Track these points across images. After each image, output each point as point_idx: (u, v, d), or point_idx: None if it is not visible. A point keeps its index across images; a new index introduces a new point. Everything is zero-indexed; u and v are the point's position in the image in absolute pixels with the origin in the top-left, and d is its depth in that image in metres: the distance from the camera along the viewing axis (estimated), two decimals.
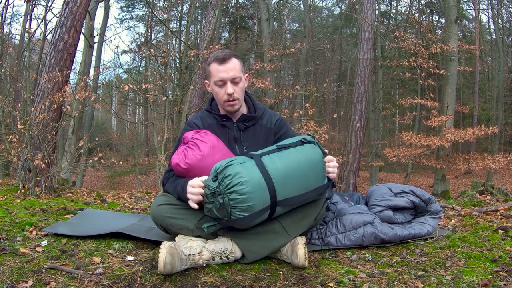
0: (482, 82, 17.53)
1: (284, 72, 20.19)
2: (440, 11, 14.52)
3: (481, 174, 15.40)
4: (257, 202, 1.60)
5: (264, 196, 1.62)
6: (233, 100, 1.90)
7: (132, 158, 14.44)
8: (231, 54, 1.91)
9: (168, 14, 8.78)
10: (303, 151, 1.73)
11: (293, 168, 1.67)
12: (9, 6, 15.99)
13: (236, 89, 1.89)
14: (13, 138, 3.97)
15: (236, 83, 1.90)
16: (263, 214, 1.66)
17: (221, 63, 1.87)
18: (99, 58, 13.67)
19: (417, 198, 2.25)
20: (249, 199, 1.57)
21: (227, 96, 1.89)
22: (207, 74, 1.96)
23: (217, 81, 1.89)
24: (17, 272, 1.48)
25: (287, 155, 1.70)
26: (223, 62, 1.87)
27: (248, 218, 1.61)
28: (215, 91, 1.94)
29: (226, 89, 1.88)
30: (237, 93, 1.90)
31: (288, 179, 1.65)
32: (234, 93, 1.89)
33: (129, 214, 2.86)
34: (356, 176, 8.76)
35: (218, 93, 1.92)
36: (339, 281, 1.57)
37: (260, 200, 1.61)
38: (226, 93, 1.88)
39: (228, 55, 1.89)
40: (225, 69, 1.87)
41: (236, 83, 1.90)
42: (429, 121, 9.75)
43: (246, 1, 17.31)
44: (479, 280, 1.51)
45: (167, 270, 1.55)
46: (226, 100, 1.91)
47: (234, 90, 1.89)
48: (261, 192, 1.60)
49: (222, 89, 1.90)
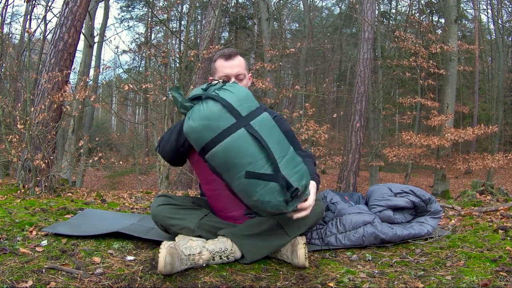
0: (482, 82, 17.53)
1: (284, 72, 20.19)
2: (440, 11, 14.52)
3: (481, 174, 15.40)
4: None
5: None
6: None
7: (132, 158, 14.42)
8: (236, 52, 1.95)
9: (168, 14, 8.78)
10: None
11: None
12: (9, 6, 16.02)
13: None
14: (13, 138, 3.97)
15: (240, 80, 1.94)
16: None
17: (227, 59, 1.91)
18: (99, 58, 13.68)
19: (417, 198, 2.25)
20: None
21: None
22: (212, 70, 2.00)
23: (221, 76, 1.92)
24: (17, 272, 1.48)
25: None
26: (229, 58, 1.91)
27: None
28: None
29: None
30: None
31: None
32: None
33: (129, 214, 2.86)
34: (356, 176, 8.76)
35: None
36: (339, 281, 1.57)
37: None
38: None
39: (234, 53, 1.94)
40: (230, 65, 1.91)
41: (240, 80, 1.94)
42: (429, 121, 9.75)
43: (246, 1, 17.33)
44: (479, 280, 1.51)
45: (167, 270, 1.55)
46: None
47: None
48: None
49: None
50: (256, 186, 1.48)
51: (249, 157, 1.47)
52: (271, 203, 1.50)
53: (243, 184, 1.49)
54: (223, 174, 1.54)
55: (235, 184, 1.52)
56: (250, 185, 1.49)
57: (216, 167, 1.54)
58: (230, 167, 1.50)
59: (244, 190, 1.51)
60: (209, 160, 1.53)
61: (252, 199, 1.51)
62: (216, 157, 1.50)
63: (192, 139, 1.55)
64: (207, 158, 1.53)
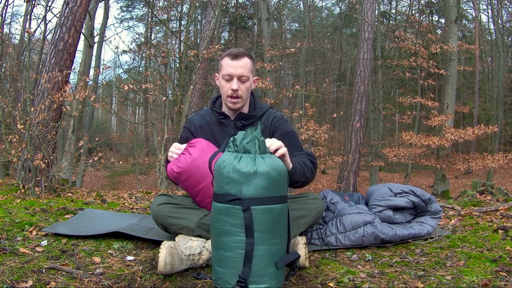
0: (482, 82, 17.54)
1: (284, 72, 20.19)
2: (440, 11, 14.52)
3: (481, 174, 15.40)
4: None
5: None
6: (237, 97, 1.92)
7: (132, 158, 14.43)
8: (244, 53, 1.93)
9: (168, 14, 8.79)
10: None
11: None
12: (9, 6, 16.02)
13: (241, 87, 1.91)
14: (13, 138, 3.97)
15: (242, 81, 1.92)
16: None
17: (233, 58, 1.90)
18: (99, 58, 13.67)
19: (417, 198, 2.25)
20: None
21: (231, 92, 1.90)
22: (218, 67, 2.00)
23: (224, 75, 1.91)
24: (17, 272, 1.48)
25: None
26: (235, 58, 1.90)
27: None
28: (222, 85, 1.96)
29: (231, 84, 1.89)
30: (241, 91, 1.91)
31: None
32: (239, 90, 1.90)
33: (129, 214, 2.86)
34: (356, 176, 8.75)
35: (223, 87, 1.94)
36: (339, 281, 1.57)
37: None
38: (231, 88, 1.90)
39: (242, 53, 1.92)
40: (235, 65, 1.89)
41: (243, 82, 1.92)
42: (429, 121, 9.74)
43: (246, 1, 17.31)
44: (479, 280, 1.51)
45: (167, 270, 1.56)
46: (229, 96, 1.92)
47: (239, 88, 1.90)
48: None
49: (228, 83, 1.92)
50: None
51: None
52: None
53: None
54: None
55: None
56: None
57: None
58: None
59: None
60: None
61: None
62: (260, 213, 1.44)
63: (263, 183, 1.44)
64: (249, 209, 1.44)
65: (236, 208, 1.42)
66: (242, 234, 1.42)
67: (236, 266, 1.42)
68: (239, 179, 1.42)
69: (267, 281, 1.43)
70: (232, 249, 1.43)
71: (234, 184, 1.42)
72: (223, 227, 1.44)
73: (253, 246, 1.41)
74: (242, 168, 1.42)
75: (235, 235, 1.43)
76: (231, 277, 1.42)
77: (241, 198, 1.41)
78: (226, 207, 1.43)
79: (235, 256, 1.42)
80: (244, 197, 1.41)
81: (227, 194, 1.43)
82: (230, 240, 1.43)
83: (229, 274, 1.43)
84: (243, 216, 1.41)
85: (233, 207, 1.42)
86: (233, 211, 1.42)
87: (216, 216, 1.47)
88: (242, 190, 1.42)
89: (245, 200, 1.41)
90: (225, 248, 1.44)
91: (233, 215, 1.42)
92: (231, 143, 1.52)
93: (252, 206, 1.41)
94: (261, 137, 1.50)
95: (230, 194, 1.43)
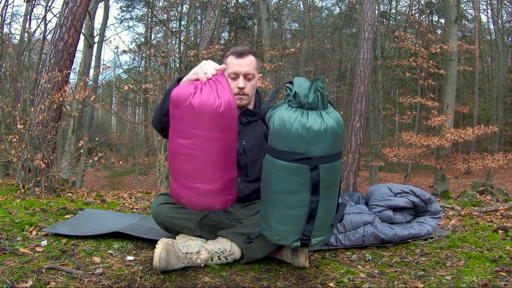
0: (482, 82, 17.52)
1: (284, 72, 20.17)
2: (440, 11, 14.52)
3: (481, 174, 15.39)
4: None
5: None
6: (243, 94, 1.92)
7: (132, 158, 14.42)
8: (249, 51, 1.94)
9: (168, 14, 8.78)
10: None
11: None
12: (9, 6, 16.02)
13: (247, 85, 1.92)
14: (13, 138, 3.97)
15: (248, 79, 1.92)
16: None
17: (238, 57, 1.91)
18: (99, 58, 13.66)
19: (417, 198, 2.25)
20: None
21: (238, 90, 1.91)
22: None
23: (230, 74, 1.91)
24: (17, 272, 1.48)
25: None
26: (240, 56, 1.90)
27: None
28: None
29: (237, 82, 1.90)
30: (247, 89, 1.92)
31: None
32: (245, 88, 1.91)
33: (129, 214, 2.86)
34: (356, 176, 8.75)
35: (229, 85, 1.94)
36: (339, 281, 1.57)
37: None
38: (237, 86, 1.90)
39: (246, 51, 1.93)
40: (240, 63, 1.89)
41: (249, 79, 1.92)
42: (429, 121, 9.73)
43: (246, 1, 17.31)
44: (479, 280, 1.51)
45: (161, 265, 1.55)
46: (236, 93, 1.93)
47: (245, 85, 1.91)
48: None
49: (234, 82, 1.92)
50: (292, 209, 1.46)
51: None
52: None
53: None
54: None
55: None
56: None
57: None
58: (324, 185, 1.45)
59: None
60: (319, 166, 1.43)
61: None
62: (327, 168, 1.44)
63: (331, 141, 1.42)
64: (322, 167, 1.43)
65: (304, 167, 1.40)
66: (307, 193, 1.42)
67: (298, 224, 1.44)
68: (308, 137, 1.38)
69: (324, 233, 1.52)
70: (296, 207, 1.44)
71: (303, 142, 1.39)
72: (287, 186, 1.43)
73: (318, 203, 1.43)
74: (312, 126, 1.38)
75: (300, 193, 1.43)
76: (292, 234, 1.46)
77: (311, 157, 1.39)
78: (293, 166, 1.41)
79: (299, 214, 1.44)
80: (314, 156, 1.39)
81: (294, 153, 1.40)
82: (294, 199, 1.43)
83: (290, 231, 1.46)
84: (310, 175, 1.40)
85: (301, 166, 1.40)
86: (300, 170, 1.41)
87: (279, 174, 1.44)
88: (311, 149, 1.39)
89: (314, 159, 1.40)
90: (289, 206, 1.44)
91: (300, 174, 1.41)
92: (291, 97, 1.44)
93: (320, 165, 1.40)
94: (325, 92, 1.43)
95: (297, 153, 1.40)
